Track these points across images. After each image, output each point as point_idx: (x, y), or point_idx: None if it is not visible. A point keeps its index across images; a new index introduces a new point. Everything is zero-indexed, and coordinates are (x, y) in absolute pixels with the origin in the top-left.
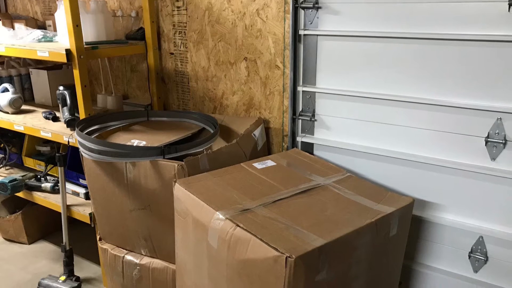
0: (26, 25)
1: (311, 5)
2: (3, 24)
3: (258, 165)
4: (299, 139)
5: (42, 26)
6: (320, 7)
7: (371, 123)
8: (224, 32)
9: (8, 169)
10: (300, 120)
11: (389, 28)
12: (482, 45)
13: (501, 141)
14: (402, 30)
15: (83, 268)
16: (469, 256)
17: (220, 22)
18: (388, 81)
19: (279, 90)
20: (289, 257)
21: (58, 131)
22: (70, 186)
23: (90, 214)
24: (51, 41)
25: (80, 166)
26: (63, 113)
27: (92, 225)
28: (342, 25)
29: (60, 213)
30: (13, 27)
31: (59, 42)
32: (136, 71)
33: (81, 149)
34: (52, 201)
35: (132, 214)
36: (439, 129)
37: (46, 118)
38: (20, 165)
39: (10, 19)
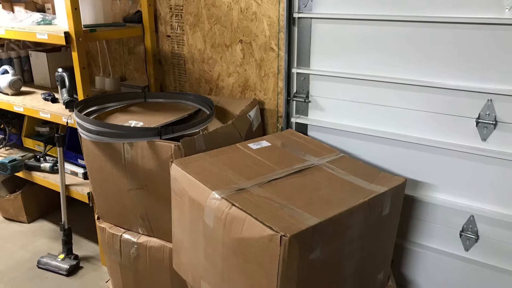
0: (26, 8)
1: None
2: (3, 7)
3: (253, 145)
4: (293, 120)
5: (41, 9)
6: None
7: (364, 105)
8: (220, 15)
9: (8, 149)
10: (295, 102)
11: (382, 11)
12: (473, 28)
13: (491, 122)
14: (395, 13)
15: (82, 246)
16: (460, 235)
17: (216, 5)
18: (381, 63)
19: (274, 72)
20: (284, 235)
21: (57, 112)
22: (68, 166)
23: (88, 193)
24: (50, 24)
25: (78, 146)
26: (62, 95)
27: (90, 205)
28: (336, 8)
29: (59, 193)
30: (12, 10)
31: (58, 25)
32: (133, 54)
33: (79, 130)
34: (51, 181)
35: (130, 194)
36: (431, 110)
37: (45, 99)
38: (19, 146)
39: (10, 2)
